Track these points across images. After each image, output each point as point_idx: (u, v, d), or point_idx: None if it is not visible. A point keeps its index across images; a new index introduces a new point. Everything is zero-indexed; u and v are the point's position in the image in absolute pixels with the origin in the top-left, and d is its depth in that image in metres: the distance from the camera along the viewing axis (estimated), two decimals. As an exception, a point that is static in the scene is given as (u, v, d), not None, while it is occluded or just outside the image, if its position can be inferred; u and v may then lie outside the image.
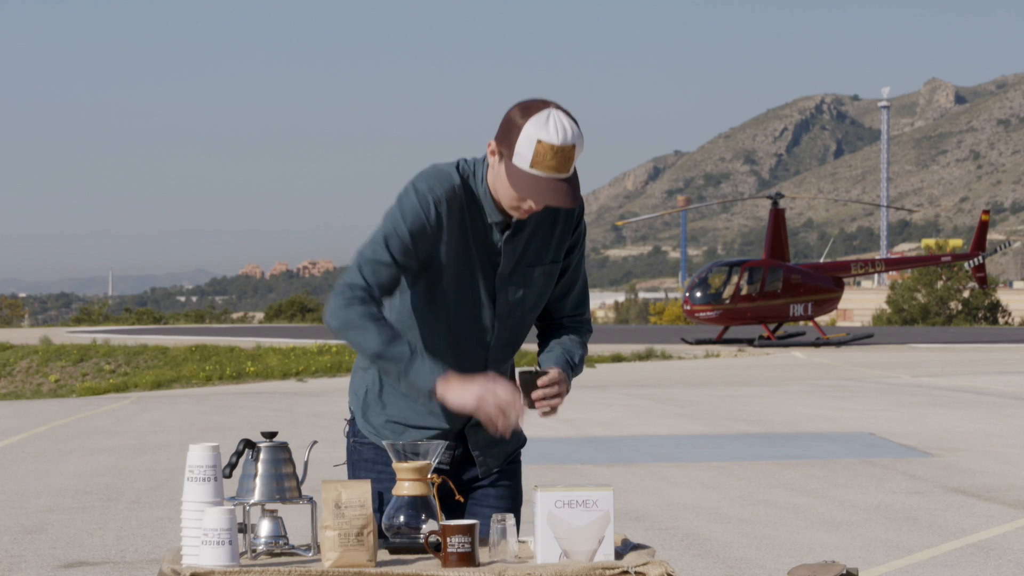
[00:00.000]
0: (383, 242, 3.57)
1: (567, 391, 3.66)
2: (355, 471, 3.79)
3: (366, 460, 3.77)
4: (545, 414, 3.62)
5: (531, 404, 3.59)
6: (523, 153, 3.49)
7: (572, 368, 3.75)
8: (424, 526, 3.44)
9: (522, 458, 3.94)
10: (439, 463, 3.72)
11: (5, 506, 10.42)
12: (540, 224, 3.70)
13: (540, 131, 3.48)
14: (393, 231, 3.57)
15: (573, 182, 3.55)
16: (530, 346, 3.98)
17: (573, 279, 3.80)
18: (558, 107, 3.53)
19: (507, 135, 3.52)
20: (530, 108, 3.51)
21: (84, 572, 7.88)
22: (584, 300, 3.84)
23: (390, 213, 3.60)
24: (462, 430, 3.74)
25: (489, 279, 3.67)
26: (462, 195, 3.61)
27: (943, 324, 69.81)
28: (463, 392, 3.50)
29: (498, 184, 3.60)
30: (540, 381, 3.58)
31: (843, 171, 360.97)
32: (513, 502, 3.83)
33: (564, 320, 3.82)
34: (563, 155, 3.49)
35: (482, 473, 3.78)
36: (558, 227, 3.73)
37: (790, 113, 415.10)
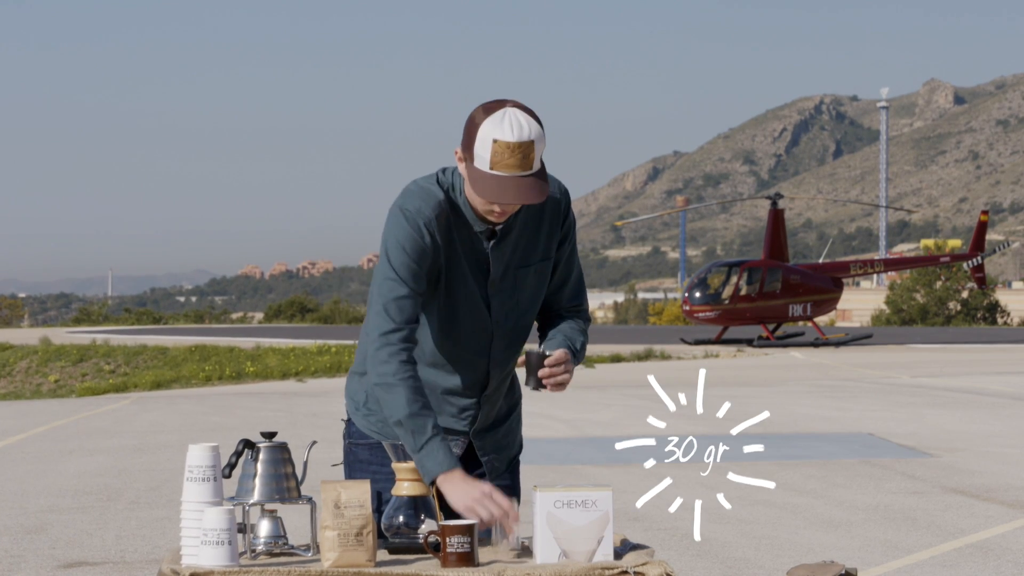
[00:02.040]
0: (396, 277, 3.56)
1: (572, 372, 3.66)
2: (351, 472, 3.81)
3: (361, 461, 3.79)
4: (554, 389, 3.62)
5: (537, 383, 3.61)
6: (482, 155, 3.48)
7: (574, 354, 3.75)
8: (423, 526, 3.46)
9: (521, 458, 3.97)
10: None
11: (5, 506, 10.43)
12: (526, 225, 3.69)
13: (495, 130, 3.46)
14: (401, 263, 3.56)
15: (539, 176, 3.52)
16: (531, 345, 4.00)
17: (567, 271, 3.79)
18: (516, 104, 3.51)
19: (468, 139, 3.52)
20: (487, 109, 3.51)
21: (84, 572, 7.89)
22: (581, 291, 3.83)
23: (389, 243, 3.58)
24: (467, 433, 3.77)
25: (482, 287, 3.67)
26: (447, 209, 3.61)
27: (942, 324, 69.83)
28: (462, 493, 3.44)
29: (468, 190, 3.61)
30: (547, 361, 3.61)
31: (842, 171, 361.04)
32: (515, 494, 3.83)
33: (562, 311, 3.82)
34: (521, 152, 3.47)
35: (490, 476, 3.80)
36: (544, 225, 3.72)
37: (789, 114, 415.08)
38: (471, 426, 3.76)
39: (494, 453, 3.82)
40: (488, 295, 3.67)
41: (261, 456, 3.46)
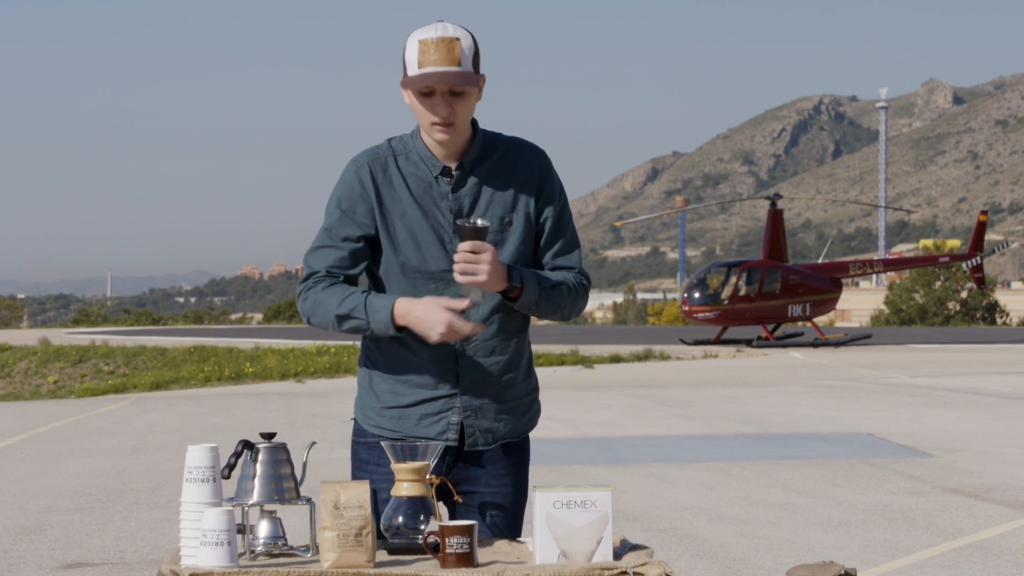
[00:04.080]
0: (323, 227, 3.71)
1: (485, 266, 3.52)
2: (353, 471, 3.81)
3: (361, 460, 3.79)
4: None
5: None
6: (411, 59, 3.58)
7: (539, 280, 3.66)
8: (423, 527, 3.45)
9: (529, 453, 3.90)
10: (448, 439, 3.72)
11: (4, 507, 10.42)
12: (492, 174, 3.70)
13: (421, 34, 3.59)
14: (330, 214, 3.70)
15: (466, 71, 3.57)
16: (540, 347, 3.97)
17: (556, 234, 3.76)
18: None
19: (403, 61, 3.61)
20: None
21: (83, 573, 7.89)
22: (572, 253, 3.78)
23: (329, 199, 3.74)
24: (454, 395, 3.71)
25: (448, 233, 3.67)
26: (389, 156, 3.70)
27: (941, 325, 69.82)
28: (426, 327, 3.54)
29: (415, 115, 3.66)
30: (461, 245, 3.51)
31: (841, 172, 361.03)
32: (516, 496, 3.81)
33: (548, 267, 3.77)
34: (445, 46, 3.55)
35: (481, 444, 3.73)
36: (516, 177, 3.72)
37: (788, 114, 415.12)
38: (456, 388, 3.70)
39: (482, 428, 3.73)
40: (450, 235, 3.66)
41: (260, 457, 3.46)
